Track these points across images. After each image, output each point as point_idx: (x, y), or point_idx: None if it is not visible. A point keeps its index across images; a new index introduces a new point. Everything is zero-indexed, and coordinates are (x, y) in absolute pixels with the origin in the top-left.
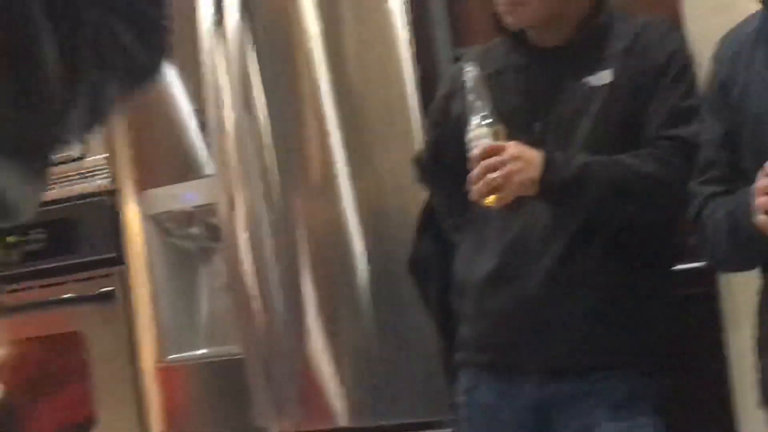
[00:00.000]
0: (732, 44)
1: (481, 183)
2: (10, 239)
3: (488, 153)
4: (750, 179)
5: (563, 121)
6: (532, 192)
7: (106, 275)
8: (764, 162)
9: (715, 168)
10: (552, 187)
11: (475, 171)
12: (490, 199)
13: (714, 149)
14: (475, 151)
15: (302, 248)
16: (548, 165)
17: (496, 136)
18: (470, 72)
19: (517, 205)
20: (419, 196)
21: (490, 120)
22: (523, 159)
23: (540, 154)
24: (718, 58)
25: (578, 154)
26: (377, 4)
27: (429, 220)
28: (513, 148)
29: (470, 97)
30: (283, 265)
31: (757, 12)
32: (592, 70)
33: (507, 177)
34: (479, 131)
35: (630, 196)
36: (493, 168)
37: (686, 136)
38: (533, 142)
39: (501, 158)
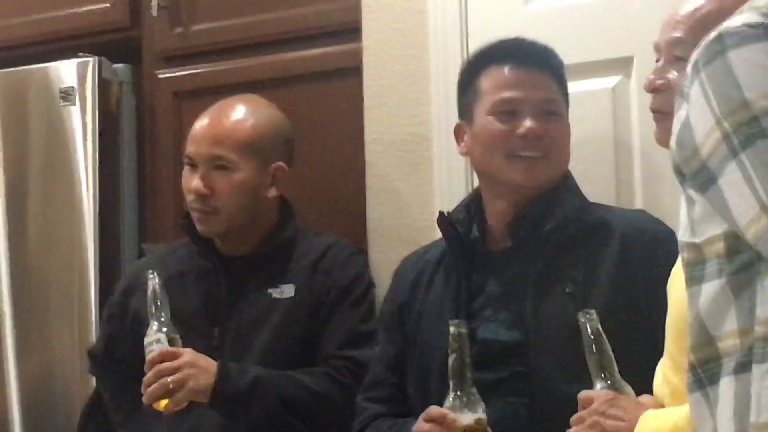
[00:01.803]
0: (411, 269)
1: (154, 386)
2: None
3: (163, 357)
4: (414, 406)
5: (243, 328)
6: (204, 399)
7: None
8: (427, 395)
9: (383, 388)
10: (223, 397)
11: (150, 374)
12: (162, 403)
13: (383, 369)
14: (151, 354)
15: None
16: (222, 375)
17: (172, 342)
18: (151, 278)
19: (187, 409)
20: (86, 384)
21: (168, 327)
22: (198, 366)
23: (215, 363)
24: (396, 281)
25: (254, 364)
26: (67, 186)
27: (95, 410)
28: (188, 355)
29: (150, 303)
30: None
31: (439, 241)
32: (276, 283)
33: (180, 382)
34: (157, 336)
35: (300, 413)
36: (168, 372)
37: (360, 359)
38: (211, 348)
39: (176, 363)
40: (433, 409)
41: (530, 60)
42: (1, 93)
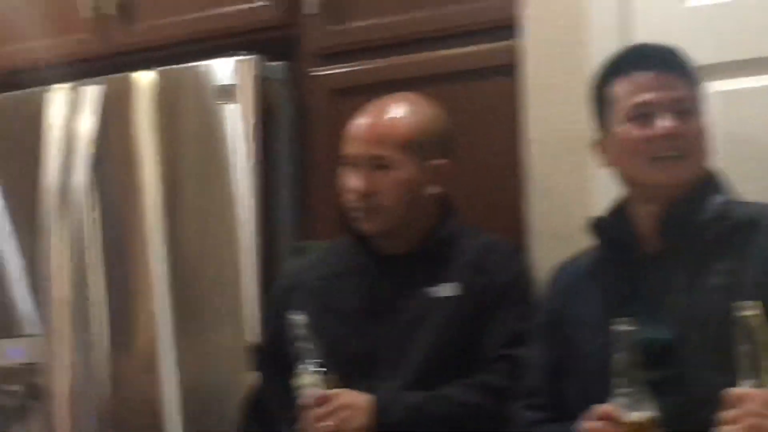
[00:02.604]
0: (567, 275)
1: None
2: None
3: (318, 402)
4: (574, 412)
5: (402, 327)
6: None
7: None
8: (588, 399)
9: (541, 395)
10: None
11: (306, 420)
12: None
13: (541, 376)
14: (305, 399)
15: (123, 419)
16: (378, 410)
17: (325, 383)
18: (299, 319)
19: None
20: (245, 380)
21: (320, 368)
22: (352, 407)
23: (369, 399)
24: (552, 286)
25: (414, 363)
26: (223, 184)
27: (255, 409)
28: (342, 396)
29: (300, 344)
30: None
31: (592, 248)
32: (436, 281)
33: (338, 426)
34: (309, 379)
35: (457, 430)
36: (324, 417)
37: (521, 358)
38: (370, 347)
39: (331, 408)
40: (601, 407)
41: (657, 62)
42: (158, 91)
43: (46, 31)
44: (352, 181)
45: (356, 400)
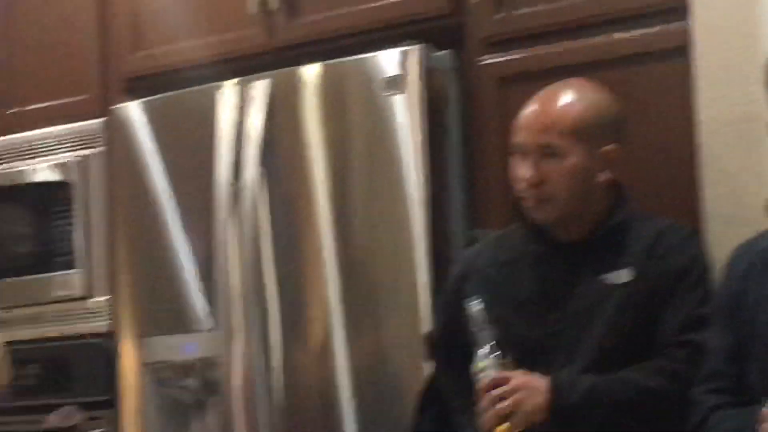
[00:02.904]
0: (745, 258)
1: (489, 414)
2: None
3: (494, 384)
4: (756, 395)
5: (578, 314)
6: (540, 419)
7: (97, 418)
8: None
9: (722, 379)
10: (560, 413)
11: (483, 402)
12: (501, 429)
13: (722, 360)
14: (482, 382)
15: (296, 411)
16: (555, 391)
17: (502, 367)
18: (475, 303)
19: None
20: (417, 369)
21: (496, 352)
22: (529, 387)
23: (546, 381)
24: (730, 269)
25: (590, 350)
26: (393, 174)
27: (430, 399)
28: (518, 377)
29: (475, 329)
30: (276, 426)
31: None
32: (610, 268)
33: (514, 406)
34: (485, 363)
35: (636, 414)
36: (500, 398)
37: (700, 342)
38: (547, 334)
39: (507, 388)
40: None
41: None
42: (324, 85)
43: (214, 28)
44: (521, 170)
45: (532, 382)
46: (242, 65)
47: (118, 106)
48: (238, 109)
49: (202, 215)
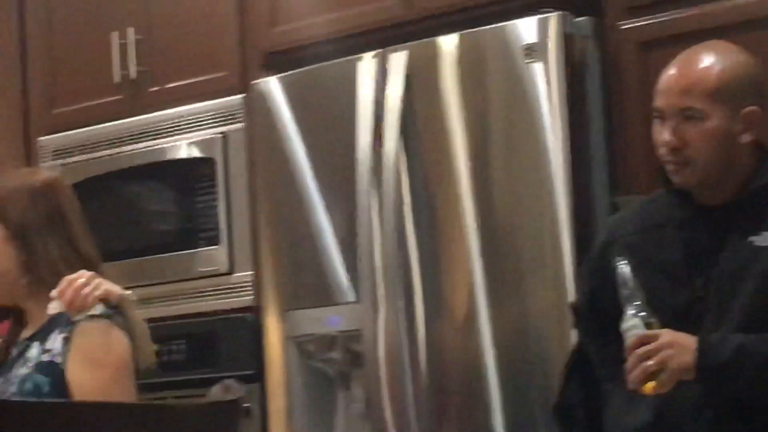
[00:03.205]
0: None
1: (636, 371)
2: (153, 347)
3: (642, 341)
4: None
5: (725, 278)
6: (689, 377)
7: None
8: None
9: None
10: (708, 371)
11: (630, 360)
12: (648, 386)
13: None
14: (629, 340)
15: (440, 383)
16: (703, 349)
17: (649, 326)
18: (622, 264)
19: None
20: (563, 339)
21: (644, 311)
22: (677, 345)
23: (694, 339)
24: None
25: (738, 314)
26: (533, 143)
27: (577, 366)
28: (666, 335)
29: (623, 289)
30: (421, 398)
31: None
32: (756, 230)
33: (662, 364)
34: (633, 322)
35: None
36: (648, 356)
37: None
38: (694, 299)
39: (654, 346)
40: None
41: None
42: (463, 54)
43: (352, 1)
44: (662, 134)
45: (680, 340)
46: (380, 37)
47: (257, 81)
48: (377, 81)
49: (343, 188)
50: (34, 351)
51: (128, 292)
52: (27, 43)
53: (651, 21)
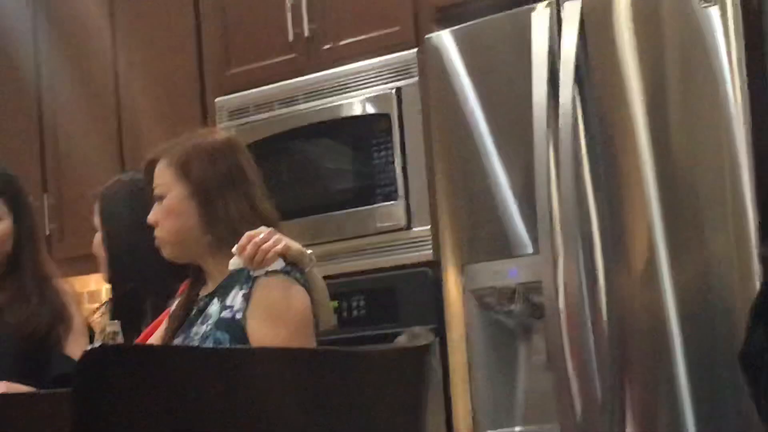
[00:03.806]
0: None
1: None
2: (332, 304)
3: None
4: None
5: None
6: None
7: None
8: None
9: None
10: None
11: None
12: None
13: None
14: None
15: (621, 334)
16: None
17: None
18: None
19: None
20: (746, 285)
21: None
22: None
23: None
24: None
25: None
26: (711, 88)
27: (763, 311)
28: None
29: None
30: (603, 349)
31: None
32: None
33: None
34: None
35: None
36: None
37: None
38: None
39: None
40: None
41: None
42: (636, 1)
43: None
44: None
45: None
46: None
47: (430, 35)
48: (550, 31)
49: (518, 140)
50: (214, 308)
51: (308, 251)
52: (201, 4)
53: None
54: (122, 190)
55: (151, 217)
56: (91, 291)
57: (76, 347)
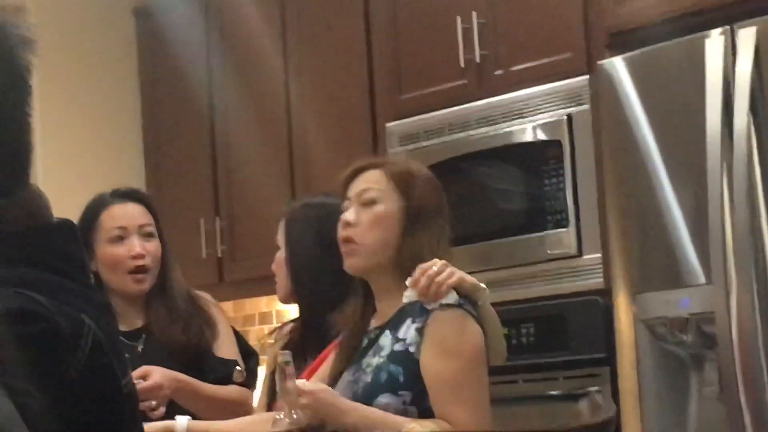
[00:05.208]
0: None
1: None
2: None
3: None
4: None
5: None
6: None
7: (595, 375)
8: None
9: None
10: None
11: None
12: None
13: None
14: None
15: None
16: None
17: None
18: None
19: None
20: None
21: None
22: None
23: None
24: None
25: None
26: None
27: None
28: None
29: None
30: None
31: None
32: None
33: None
34: None
35: None
36: None
37: None
38: None
39: None
40: None
41: None
42: None
43: None
44: None
45: None
46: (726, 13)
47: (602, 61)
48: (725, 58)
49: (691, 167)
50: (386, 340)
51: (482, 285)
52: (372, 29)
53: None
54: (311, 211)
55: (352, 216)
56: (263, 312)
57: (225, 348)
